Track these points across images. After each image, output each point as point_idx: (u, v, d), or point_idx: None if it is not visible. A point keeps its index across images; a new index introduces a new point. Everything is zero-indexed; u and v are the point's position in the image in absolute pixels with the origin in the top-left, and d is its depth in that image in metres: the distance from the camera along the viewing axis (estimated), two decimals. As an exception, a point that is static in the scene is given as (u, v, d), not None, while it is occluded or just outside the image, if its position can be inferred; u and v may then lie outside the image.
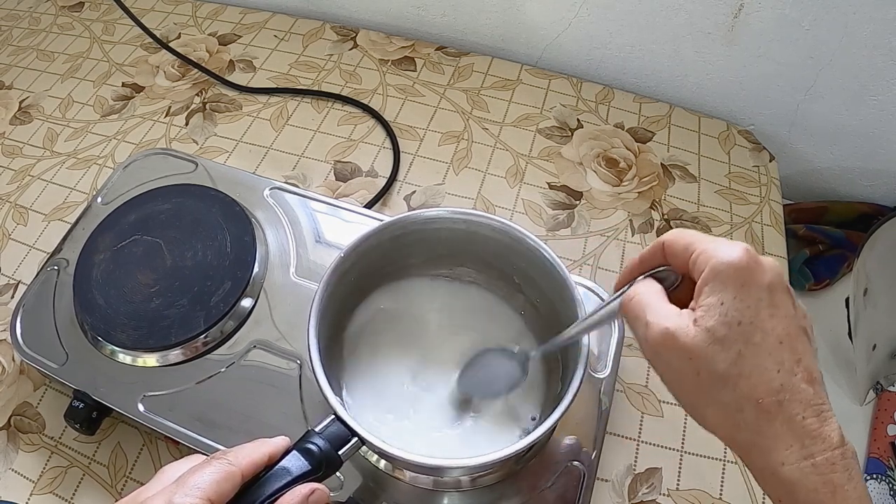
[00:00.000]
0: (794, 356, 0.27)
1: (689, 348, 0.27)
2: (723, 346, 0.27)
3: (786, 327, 0.27)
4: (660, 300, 0.30)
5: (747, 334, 0.27)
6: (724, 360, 0.27)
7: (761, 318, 0.27)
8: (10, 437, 0.51)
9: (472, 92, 0.73)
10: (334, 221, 0.54)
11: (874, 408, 0.59)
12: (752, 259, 0.28)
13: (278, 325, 0.48)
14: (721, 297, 0.27)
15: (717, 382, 0.27)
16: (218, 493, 0.28)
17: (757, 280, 0.27)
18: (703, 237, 0.30)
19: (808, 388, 0.27)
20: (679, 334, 0.28)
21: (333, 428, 0.35)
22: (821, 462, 0.26)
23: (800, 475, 0.26)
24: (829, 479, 0.26)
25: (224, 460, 0.30)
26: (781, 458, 0.26)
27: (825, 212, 0.70)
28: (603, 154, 0.67)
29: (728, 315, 0.27)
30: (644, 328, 0.29)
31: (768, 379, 0.27)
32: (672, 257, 0.31)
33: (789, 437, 0.26)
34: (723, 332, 0.27)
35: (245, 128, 0.70)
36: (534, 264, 0.44)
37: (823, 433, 0.26)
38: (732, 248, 0.28)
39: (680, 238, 0.30)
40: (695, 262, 0.29)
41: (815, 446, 0.26)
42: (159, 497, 0.27)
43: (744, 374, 0.27)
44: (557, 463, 0.43)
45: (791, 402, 0.26)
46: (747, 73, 0.68)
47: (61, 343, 0.49)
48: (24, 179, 0.67)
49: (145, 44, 0.80)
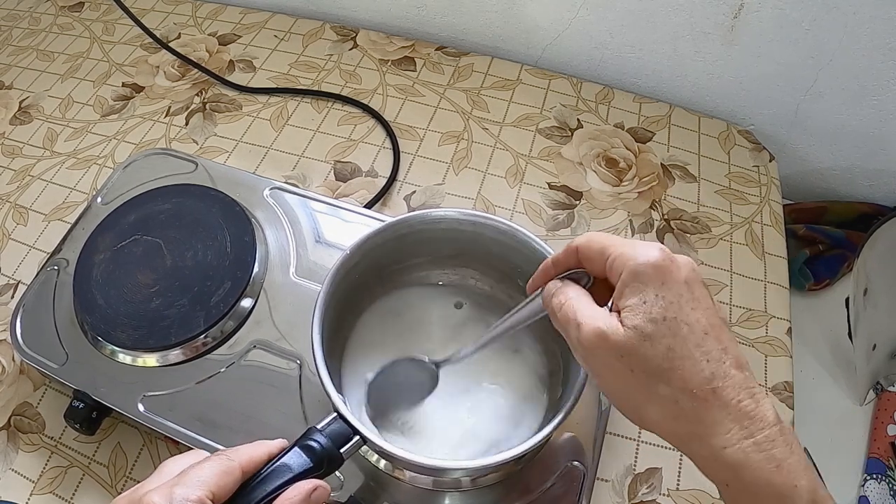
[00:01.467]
0: (721, 345, 0.28)
1: (620, 347, 0.28)
2: (652, 342, 0.28)
3: (708, 318, 0.28)
4: (588, 303, 0.31)
5: (674, 328, 0.28)
6: (655, 356, 0.28)
7: (685, 312, 0.28)
8: (10, 437, 0.51)
9: (472, 92, 0.73)
10: (334, 221, 0.54)
11: (874, 408, 0.59)
12: (667, 257, 0.29)
13: (278, 325, 0.48)
14: (643, 297, 0.28)
15: (652, 378, 0.28)
16: (219, 487, 0.28)
17: (675, 277, 0.28)
18: (617, 240, 0.30)
19: (738, 373, 0.28)
20: (610, 334, 0.28)
21: (335, 426, 0.35)
22: (761, 440, 0.27)
23: (743, 456, 0.27)
24: (771, 454, 0.26)
25: (224, 456, 0.30)
26: (723, 442, 0.27)
27: (825, 212, 0.70)
28: (603, 154, 0.67)
29: (652, 312, 0.28)
30: (576, 330, 0.30)
31: (700, 369, 0.27)
32: (587, 261, 0.32)
33: (728, 420, 0.27)
34: (650, 328, 0.28)
35: (245, 128, 0.70)
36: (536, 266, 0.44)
37: (759, 413, 0.27)
38: (648, 249, 0.29)
39: (593, 242, 0.31)
40: (611, 266, 0.30)
41: (754, 426, 0.27)
42: (160, 491, 0.27)
43: (676, 367, 0.27)
44: (557, 463, 0.43)
45: (724, 388, 0.27)
46: (747, 73, 0.68)
47: (61, 343, 0.49)
48: (24, 179, 0.67)
49: (145, 44, 0.80)
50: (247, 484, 0.30)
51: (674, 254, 0.29)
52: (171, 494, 0.27)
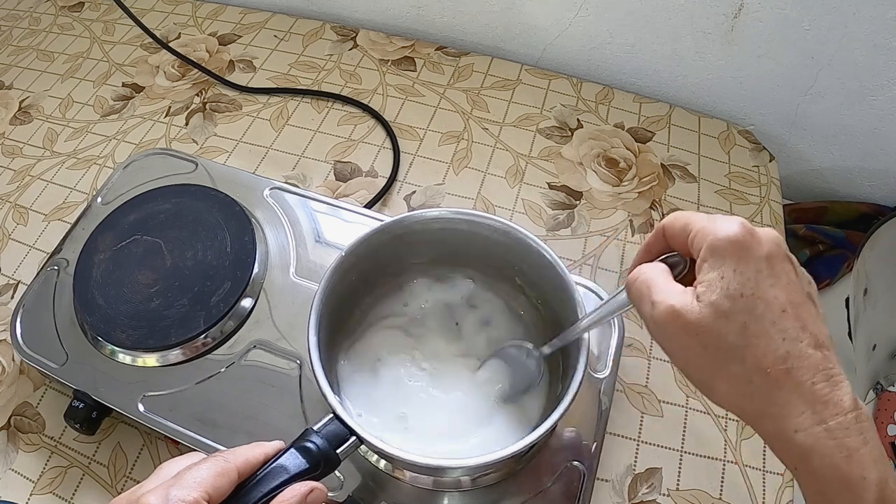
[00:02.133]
0: (799, 323, 0.27)
1: (695, 324, 0.28)
2: (727, 319, 0.27)
3: (788, 295, 0.27)
4: (664, 279, 0.30)
5: (750, 306, 0.27)
6: (729, 333, 0.27)
7: (762, 289, 0.27)
8: (10, 437, 0.51)
9: (472, 92, 0.73)
10: (334, 221, 0.54)
11: (874, 408, 0.59)
12: (748, 232, 0.28)
13: (278, 325, 0.48)
14: (721, 272, 0.28)
15: (725, 355, 0.27)
16: (215, 489, 0.29)
17: (755, 252, 0.28)
18: (700, 216, 0.30)
19: (815, 353, 0.27)
20: (684, 311, 0.28)
21: (332, 427, 0.35)
22: (834, 426, 0.26)
23: (813, 441, 0.26)
24: (843, 443, 0.26)
25: (221, 458, 0.30)
26: (794, 426, 0.26)
27: (825, 212, 0.70)
28: (603, 154, 0.67)
29: (730, 288, 0.27)
30: (650, 307, 0.30)
31: (774, 348, 0.27)
32: (672, 239, 0.31)
33: (800, 403, 0.26)
34: (726, 305, 0.27)
35: (245, 128, 0.70)
36: (535, 265, 0.44)
37: (834, 398, 0.26)
38: (728, 224, 0.28)
39: (677, 220, 0.31)
40: (692, 241, 0.30)
41: (827, 411, 0.26)
42: (157, 492, 0.28)
43: (750, 345, 0.27)
44: (557, 463, 0.43)
45: (799, 369, 0.26)
46: (747, 73, 0.68)
47: (61, 343, 0.49)
48: (24, 179, 0.67)
49: (145, 44, 0.80)
50: (243, 485, 0.30)
51: (757, 228, 0.29)
52: (167, 495, 0.27)
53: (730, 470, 0.48)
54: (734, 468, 0.48)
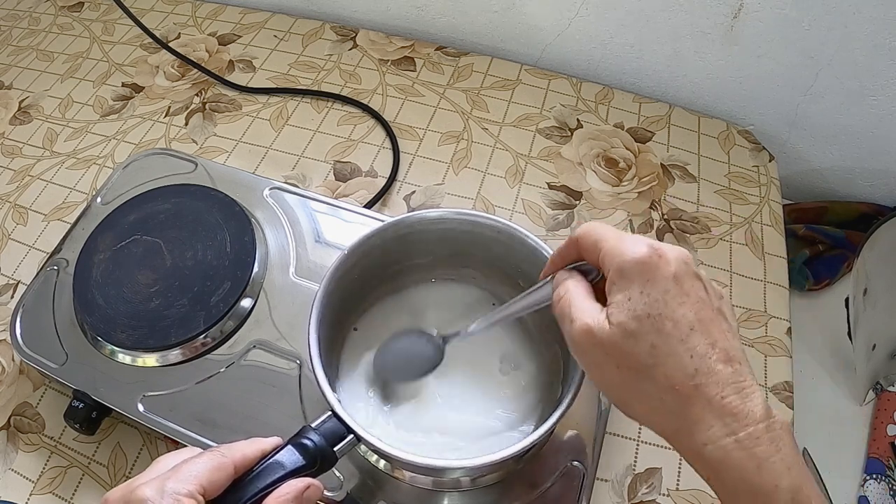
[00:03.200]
0: (708, 339, 0.27)
1: (606, 343, 0.28)
2: (636, 340, 0.28)
3: (697, 313, 0.28)
4: (584, 297, 0.31)
5: (657, 325, 0.27)
6: (639, 353, 0.28)
7: (670, 308, 0.28)
8: (10, 437, 0.51)
9: (471, 92, 0.73)
10: (334, 221, 0.54)
11: (874, 408, 0.58)
12: (654, 253, 0.28)
13: (278, 325, 0.48)
14: (628, 294, 0.28)
15: (637, 374, 0.28)
16: (211, 482, 0.29)
17: (662, 273, 0.28)
18: (610, 234, 0.30)
19: (725, 367, 0.27)
20: (596, 330, 0.29)
21: (330, 424, 0.35)
22: (744, 437, 0.26)
23: (724, 453, 0.26)
24: (752, 453, 0.26)
25: (217, 452, 0.30)
26: (704, 439, 0.27)
27: (825, 212, 0.70)
28: (603, 154, 0.67)
29: (636, 310, 0.28)
30: (569, 325, 0.30)
31: (683, 365, 0.27)
32: (585, 252, 0.32)
33: (710, 417, 0.27)
34: (633, 325, 0.28)
35: (245, 128, 0.70)
36: (535, 266, 0.44)
37: (745, 409, 0.26)
38: (635, 245, 0.29)
39: (589, 234, 0.31)
40: (602, 260, 0.30)
41: (737, 423, 0.26)
42: (152, 484, 0.28)
43: (659, 364, 0.27)
44: (557, 463, 0.43)
45: (708, 385, 0.27)
46: (747, 73, 0.68)
47: (61, 343, 0.49)
48: (23, 179, 0.67)
49: (145, 44, 0.80)
50: (239, 480, 0.30)
51: (665, 246, 0.29)
52: (162, 488, 0.27)
53: (730, 470, 0.48)
54: (734, 468, 0.48)
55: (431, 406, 0.44)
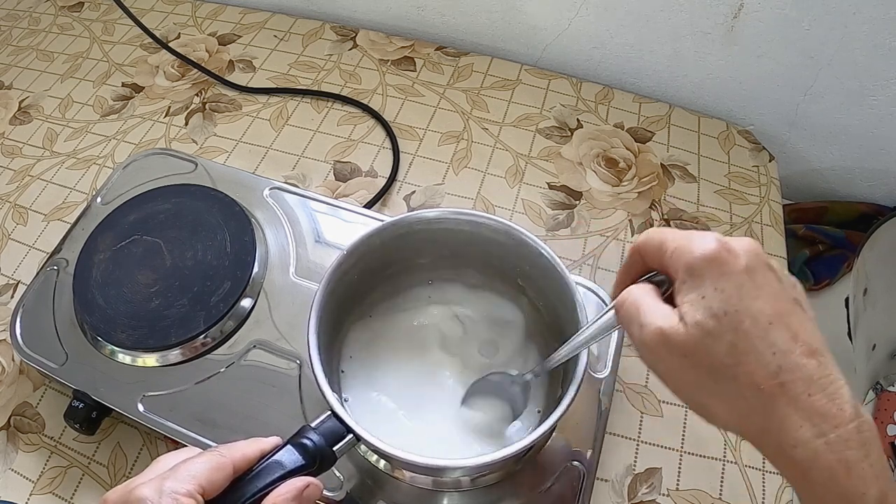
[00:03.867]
0: (789, 333, 0.26)
1: (682, 345, 0.27)
2: (714, 339, 0.26)
3: (774, 306, 0.27)
4: (652, 300, 0.29)
5: (735, 322, 0.26)
6: (717, 353, 0.27)
7: (746, 303, 0.26)
8: (10, 437, 0.51)
9: (471, 92, 0.73)
10: (334, 221, 0.54)
11: (874, 408, 0.58)
12: (723, 248, 0.27)
13: (278, 325, 0.48)
14: (701, 292, 0.27)
15: (716, 375, 0.27)
16: (210, 482, 0.29)
17: (733, 267, 0.27)
18: (674, 234, 0.29)
19: (809, 362, 0.26)
20: (671, 333, 0.27)
21: (329, 424, 0.35)
22: (834, 440, 0.25)
23: (813, 455, 0.25)
24: (843, 456, 0.25)
25: (217, 452, 0.30)
26: (793, 440, 0.26)
27: (825, 212, 0.70)
28: (603, 154, 0.67)
29: (712, 307, 0.27)
30: (639, 330, 0.29)
31: (765, 363, 0.26)
32: (649, 259, 0.31)
33: (798, 417, 0.25)
34: (710, 324, 0.27)
35: (245, 128, 0.70)
36: (535, 266, 0.44)
37: (834, 408, 0.25)
38: (703, 241, 0.28)
39: (651, 240, 0.30)
40: (669, 262, 0.29)
41: (826, 423, 0.25)
42: (151, 484, 0.28)
43: (740, 363, 0.26)
44: (557, 463, 0.43)
45: (793, 382, 0.26)
46: (747, 73, 0.68)
47: (61, 343, 0.49)
48: (23, 179, 0.67)
49: (145, 44, 0.80)
50: (239, 480, 0.30)
51: (733, 240, 0.28)
52: (161, 487, 0.27)
53: (729, 470, 0.48)
54: (734, 468, 0.48)
55: (432, 405, 0.44)
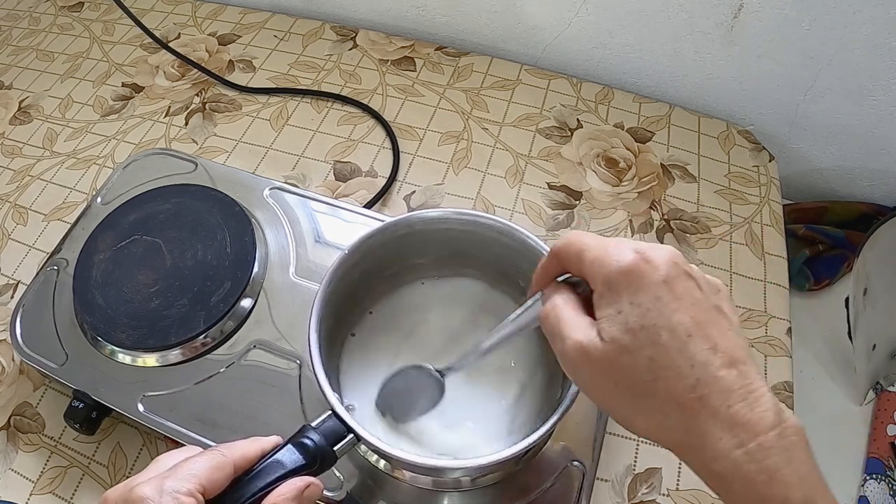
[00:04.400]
0: (709, 344, 0.26)
1: (600, 361, 0.27)
2: (631, 354, 0.26)
3: (693, 316, 0.26)
4: (573, 312, 0.29)
5: (652, 336, 0.26)
6: (635, 368, 0.26)
7: (665, 316, 0.26)
8: (10, 437, 0.51)
9: (471, 92, 0.73)
10: (334, 221, 0.54)
11: (874, 408, 0.58)
12: (640, 259, 0.27)
13: (278, 325, 0.48)
14: (618, 306, 0.27)
15: (635, 391, 0.27)
16: (210, 481, 0.29)
17: (650, 279, 0.26)
18: (593, 242, 0.29)
19: (728, 373, 0.25)
20: (589, 348, 0.27)
21: (330, 423, 0.35)
22: (753, 449, 0.24)
23: (733, 467, 0.25)
24: (763, 465, 0.24)
25: (217, 452, 0.30)
26: (712, 453, 0.25)
27: (825, 212, 0.70)
28: (603, 154, 0.67)
29: (628, 322, 0.26)
30: (560, 343, 0.28)
31: (683, 377, 0.25)
32: (568, 265, 0.30)
33: (717, 430, 0.25)
34: (627, 339, 0.26)
35: (245, 128, 0.70)
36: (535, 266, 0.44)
37: (753, 418, 0.25)
38: (620, 253, 0.27)
39: (571, 245, 0.29)
40: (588, 272, 0.28)
41: (746, 433, 0.25)
42: (151, 483, 0.28)
43: (659, 378, 0.26)
44: (557, 463, 0.43)
45: (711, 395, 0.25)
46: (747, 73, 0.68)
47: (61, 343, 0.49)
48: (23, 179, 0.67)
49: (145, 44, 0.80)
50: (239, 479, 0.30)
51: (652, 249, 0.27)
52: (161, 486, 0.27)
53: (730, 470, 0.48)
54: (734, 468, 0.48)
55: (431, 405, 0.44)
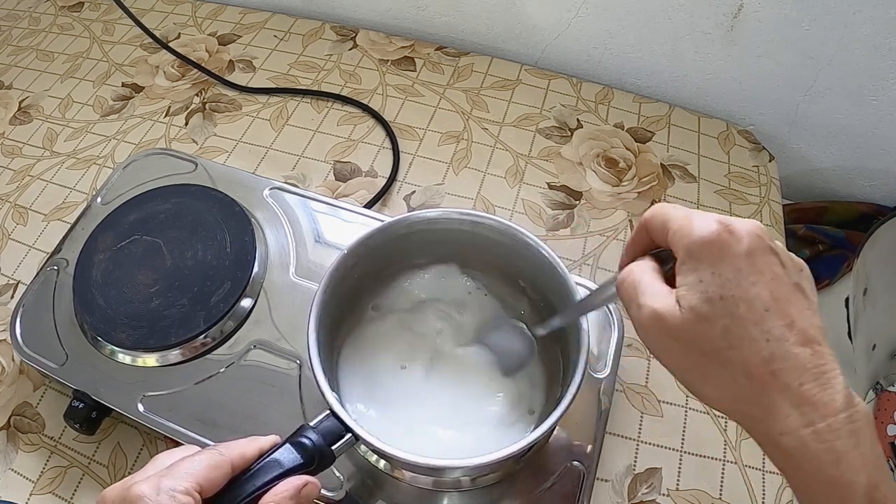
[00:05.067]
0: (785, 320, 0.26)
1: (676, 328, 0.27)
2: (708, 323, 0.26)
3: (772, 291, 0.26)
4: (652, 279, 0.29)
5: (731, 308, 0.26)
6: (711, 337, 0.26)
7: (743, 288, 0.26)
8: (10, 437, 0.51)
9: (471, 92, 0.73)
10: (334, 221, 0.54)
11: (874, 408, 0.59)
12: (724, 230, 0.27)
13: (278, 325, 0.48)
14: (699, 275, 0.27)
15: (708, 359, 0.27)
16: (208, 480, 0.29)
17: (733, 250, 0.27)
18: (678, 213, 0.29)
19: (803, 350, 0.26)
20: (666, 315, 0.27)
21: (328, 423, 0.35)
22: (822, 429, 0.25)
23: (800, 444, 0.25)
24: (831, 446, 0.25)
25: (215, 451, 0.30)
26: (780, 428, 0.26)
27: (825, 212, 0.70)
28: (603, 154, 0.67)
29: (708, 291, 0.26)
30: (636, 310, 0.29)
31: (757, 349, 0.26)
32: (655, 236, 0.30)
33: (787, 405, 0.25)
34: (705, 308, 0.26)
35: (245, 128, 0.70)
36: (536, 266, 0.44)
37: (825, 398, 0.25)
38: (704, 223, 0.27)
39: (656, 216, 0.30)
40: (671, 241, 0.29)
41: (815, 413, 0.25)
42: (149, 482, 0.28)
43: (733, 348, 0.26)
44: (557, 463, 0.43)
45: (785, 371, 0.26)
46: (747, 73, 0.68)
47: (61, 343, 0.49)
48: (23, 179, 0.67)
49: (145, 44, 0.80)
50: (237, 478, 0.31)
51: (736, 221, 0.27)
52: (158, 485, 0.27)
53: (729, 470, 0.48)
54: (734, 468, 0.48)
55: (432, 405, 0.44)
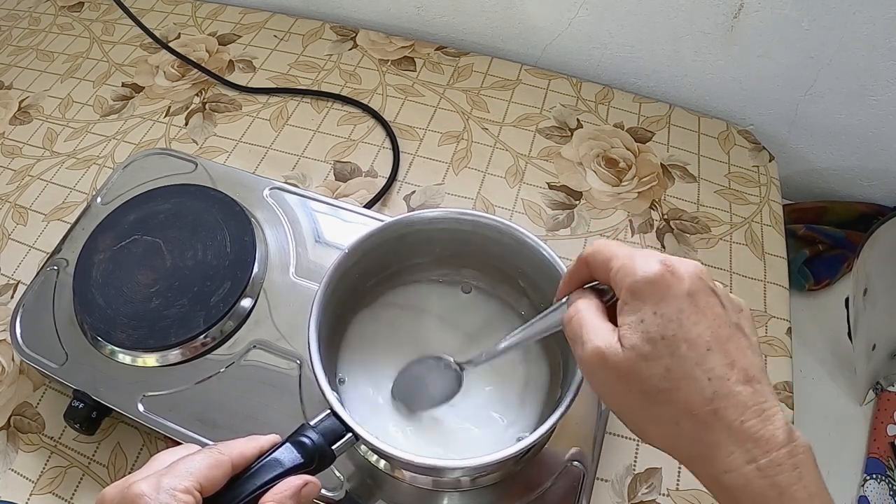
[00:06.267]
0: (726, 359, 0.26)
1: (618, 367, 0.27)
2: (649, 363, 0.27)
3: (714, 331, 0.27)
4: (596, 317, 0.29)
5: (672, 347, 0.26)
6: (653, 377, 0.27)
7: (685, 328, 0.26)
8: (10, 437, 0.51)
9: (471, 92, 0.73)
10: (334, 221, 0.54)
11: (874, 408, 0.58)
12: (667, 270, 0.27)
13: (278, 325, 0.48)
14: (641, 315, 0.27)
15: (650, 399, 0.27)
16: (208, 479, 0.29)
17: (675, 291, 0.27)
18: (621, 251, 0.29)
19: (744, 389, 0.26)
20: (608, 353, 0.27)
21: (328, 422, 0.35)
22: (765, 465, 0.25)
23: (744, 481, 0.25)
24: (774, 481, 0.25)
25: (215, 450, 0.30)
26: (724, 466, 0.26)
27: (825, 212, 0.70)
28: (603, 154, 0.67)
29: (650, 331, 0.27)
30: (581, 347, 0.29)
31: (700, 388, 0.26)
32: (595, 272, 0.31)
33: (730, 443, 0.26)
34: (647, 348, 0.27)
35: (245, 128, 0.70)
36: (535, 266, 0.44)
37: (766, 433, 0.25)
38: (647, 263, 0.28)
39: (599, 252, 0.30)
40: (614, 279, 0.29)
41: (758, 449, 0.25)
42: (149, 480, 0.28)
43: (674, 388, 0.26)
44: (557, 463, 0.43)
45: (727, 409, 0.26)
46: (747, 73, 0.68)
47: (61, 343, 0.49)
48: (23, 179, 0.67)
49: (145, 44, 0.80)
50: (237, 478, 0.31)
51: (678, 262, 0.28)
52: (158, 484, 0.27)
53: (730, 470, 0.48)
54: (734, 468, 0.48)
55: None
